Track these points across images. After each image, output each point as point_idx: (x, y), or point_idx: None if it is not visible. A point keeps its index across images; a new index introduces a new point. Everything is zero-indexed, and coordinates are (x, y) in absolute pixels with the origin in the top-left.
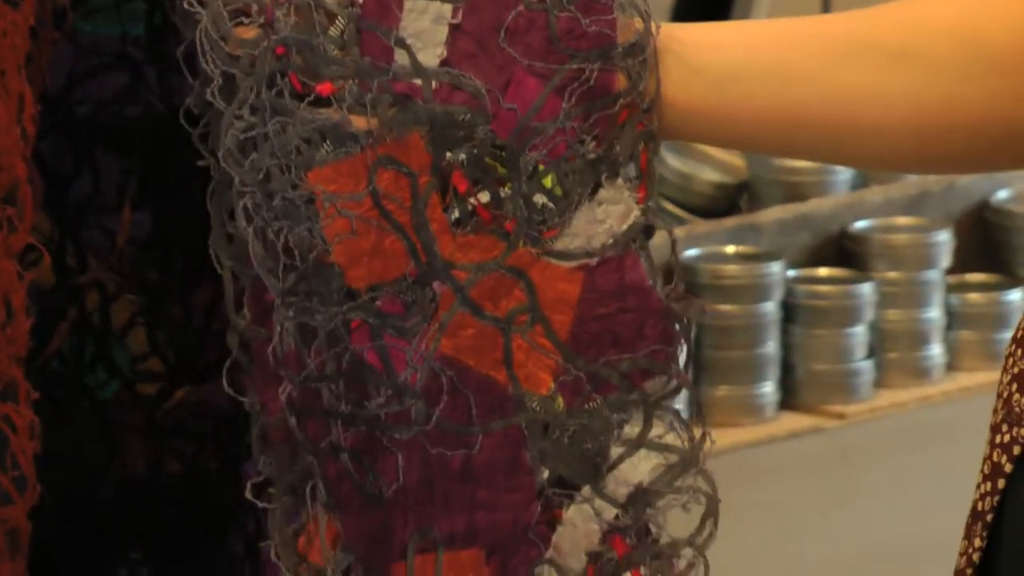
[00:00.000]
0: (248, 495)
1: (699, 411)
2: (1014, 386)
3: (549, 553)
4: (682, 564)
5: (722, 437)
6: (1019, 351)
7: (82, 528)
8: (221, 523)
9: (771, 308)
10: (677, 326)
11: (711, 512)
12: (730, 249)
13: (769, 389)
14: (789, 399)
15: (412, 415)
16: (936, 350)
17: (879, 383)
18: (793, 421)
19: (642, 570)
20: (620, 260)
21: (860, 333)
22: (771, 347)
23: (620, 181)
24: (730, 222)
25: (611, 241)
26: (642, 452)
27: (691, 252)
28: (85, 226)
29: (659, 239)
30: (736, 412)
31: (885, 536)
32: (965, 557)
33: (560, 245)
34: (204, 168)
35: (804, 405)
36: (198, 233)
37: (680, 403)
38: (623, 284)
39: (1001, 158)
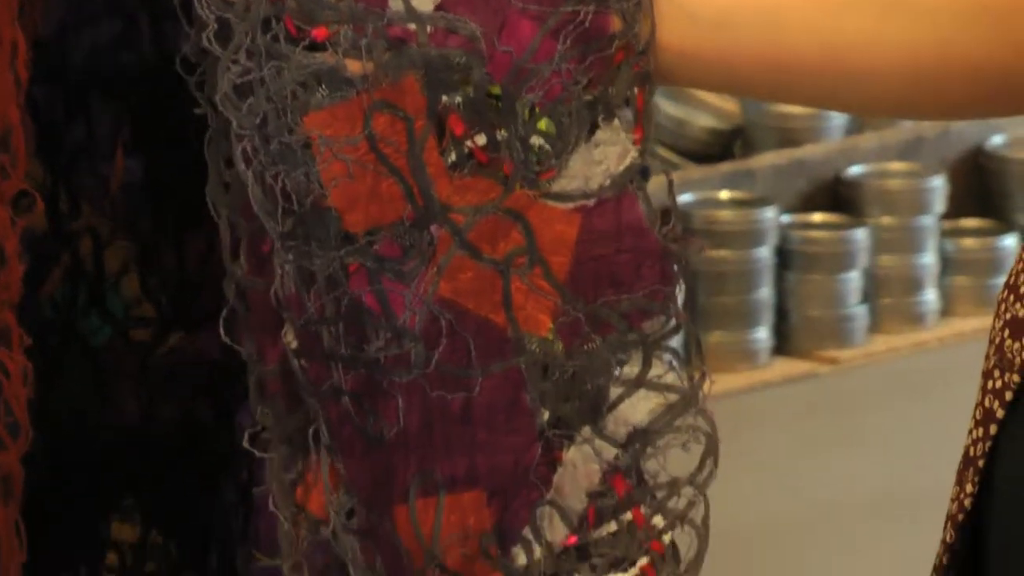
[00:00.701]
0: (243, 443)
1: (698, 350)
2: (1006, 332)
3: (550, 494)
4: (682, 503)
5: (717, 383)
6: (1011, 297)
7: (75, 474)
8: (214, 470)
9: (765, 254)
10: (675, 266)
11: (711, 451)
12: (724, 195)
13: (763, 335)
14: (783, 345)
15: (411, 358)
16: (930, 295)
17: (873, 328)
18: (787, 367)
19: (643, 509)
20: (617, 201)
21: (854, 279)
22: (765, 293)
23: (616, 123)
24: (724, 168)
25: (608, 182)
26: (641, 392)
27: (685, 198)
28: (78, 172)
29: (655, 183)
30: (730, 358)
31: (879, 481)
32: (957, 503)
33: (557, 187)
34: (197, 115)
35: (798, 351)
36: (191, 180)
37: (678, 343)
38: (621, 225)
39: (997, 104)
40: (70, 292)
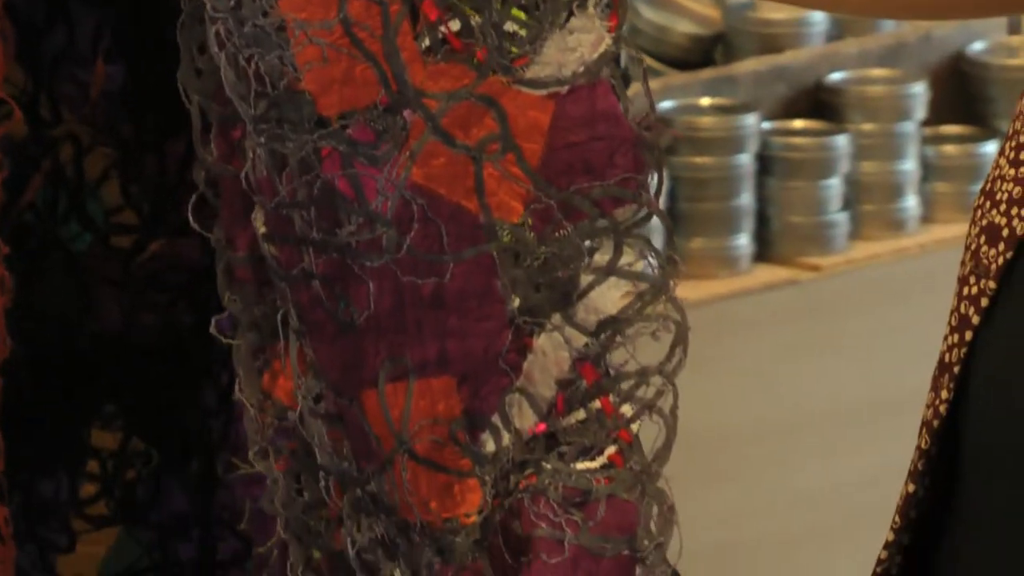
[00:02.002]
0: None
1: (670, 239)
2: (982, 238)
3: (520, 381)
4: (651, 392)
5: (697, 289)
6: (987, 203)
7: (55, 381)
8: (195, 377)
9: (746, 160)
10: (647, 154)
11: (680, 340)
12: (705, 101)
13: (744, 241)
14: (764, 251)
15: (383, 243)
16: (911, 202)
17: (854, 235)
18: (768, 273)
19: (611, 398)
20: (591, 88)
21: (835, 185)
22: (746, 199)
23: (591, 9)
24: (705, 74)
25: (582, 69)
26: (612, 280)
27: (666, 104)
28: (59, 78)
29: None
30: (711, 264)
31: (860, 387)
32: (932, 409)
33: (531, 73)
34: (177, 21)
35: (779, 257)
36: (172, 86)
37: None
38: (594, 112)
39: (985, 5)
40: (51, 199)
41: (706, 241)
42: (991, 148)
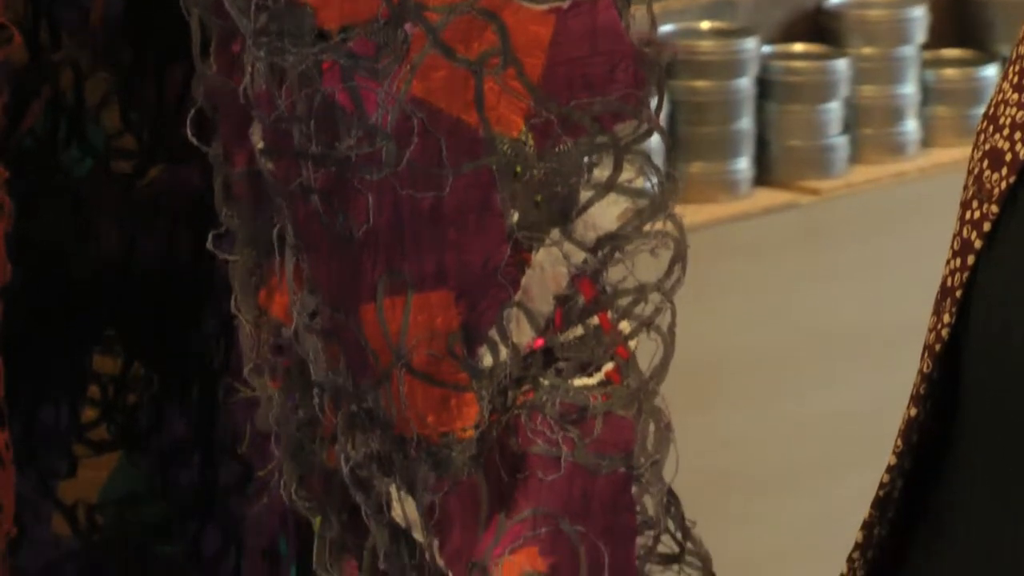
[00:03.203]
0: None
1: (670, 156)
2: (985, 162)
3: (518, 296)
4: (649, 309)
5: (697, 213)
6: (990, 127)
7: (56, 307)
8: (196, 302)
9: (746, 84)
10: (649, 71)
11: (679, 257)
12: (705, 25)
13: (744, 165)
14: (764, 175)
15: (383, 156)
16: (911, 126)
17: (854, 159)
18: (768, 197)
19: (609, 314)
20: (593, 2)
21: (835, 109)
22: (746, 123)
23: None
24: None
25: None
26: (611, 196)
27: (666, 28)
28: (59, 4)
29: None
30: (711, 188)
31: (859, 310)
32: (934, 333)
33: None
34: None
35: (779, 181)
36: (172, 11)
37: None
38: (595, 27)
39: None
40: (51, 124)
41: (706, 165)
42: (991, 72)
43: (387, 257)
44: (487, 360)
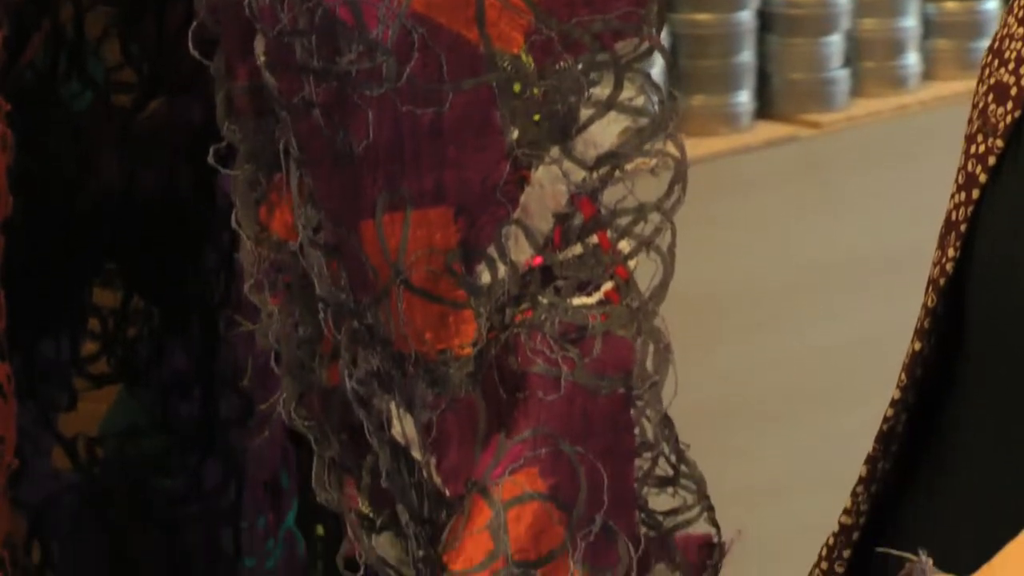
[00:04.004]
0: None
1: (672, 74)
2: (990, 97)
3: (516, 213)
4: (649, 229)
5: (698, 146)
6: (995, 61)
7: (56, 240)
8: (196, 235)
9: (747, 17)
10: None
11: (679, 177)
12: None
13: (745, 98)
14: (765, 108)
15: (383, 72)
16: (912, 59)
17: (855, 92)
18: (769, 130)
19: (608, 233)
20: None
21: (836, 42)
22: (747, 56)
23: None
24: None
25: None
26: (612, 115)
27: None
28: None
29: None
30: (712, 121)
31: (860, 244)
32: (939, 267)
33: None
34: None
35: (780, 114)
36: None
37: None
38: None
39: None
40: (51, 57)
41: (707, 98)
42: (992, 5)
43: (387, 173)
44: (485, 277)
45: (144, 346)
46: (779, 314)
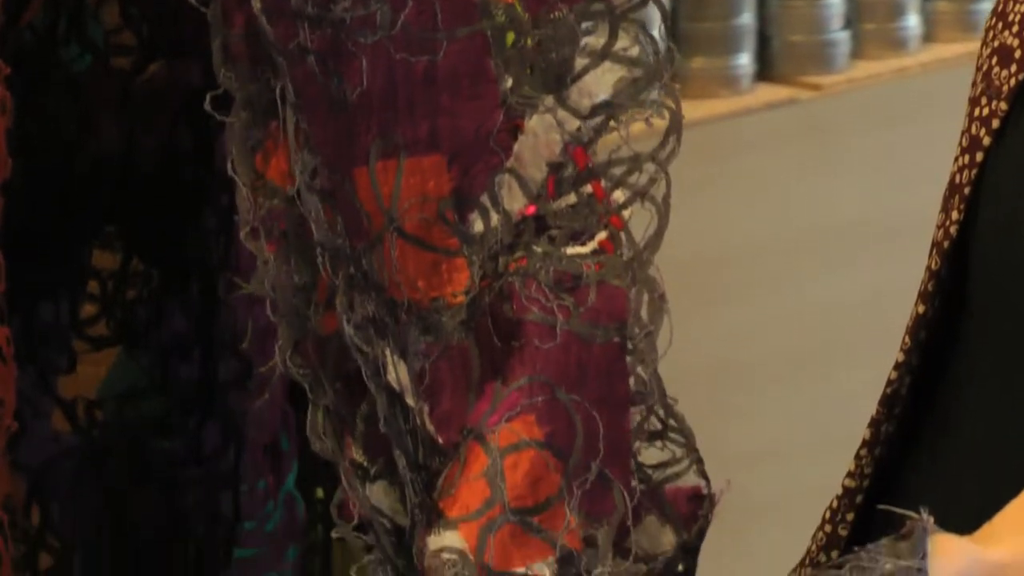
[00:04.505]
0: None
1: (667, 25)
2: (994, 59)
3: (510, 162)
4: (644, 179)
5: (698, 108)
6: (999, 24)
7: (55, 203)
8: (195, 198)
9: None
10: None
11: (674, 127)
12: None
13: (745, 60)
14: (765, 70)
15: (377, 19)
16: (913, 20)
17: (855, 54)
18: (769, 92)
19: (603, 183)
20: None
21: (836, 4)
22: (747, 18)
23: None
24: None
25: None
26: (607, 64)
27: None
28: None
29: None
30: (712, 83)
31: (859, 206)
32: (942, 230)
33: None
34: None
35: (780, 76)
36: None
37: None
38: None
39: None
40: (50, 20)
41: (707, 60)
42: None
43: (380, 121)
44: (478, 226)
45: (143, 308)
46: (779, 276)
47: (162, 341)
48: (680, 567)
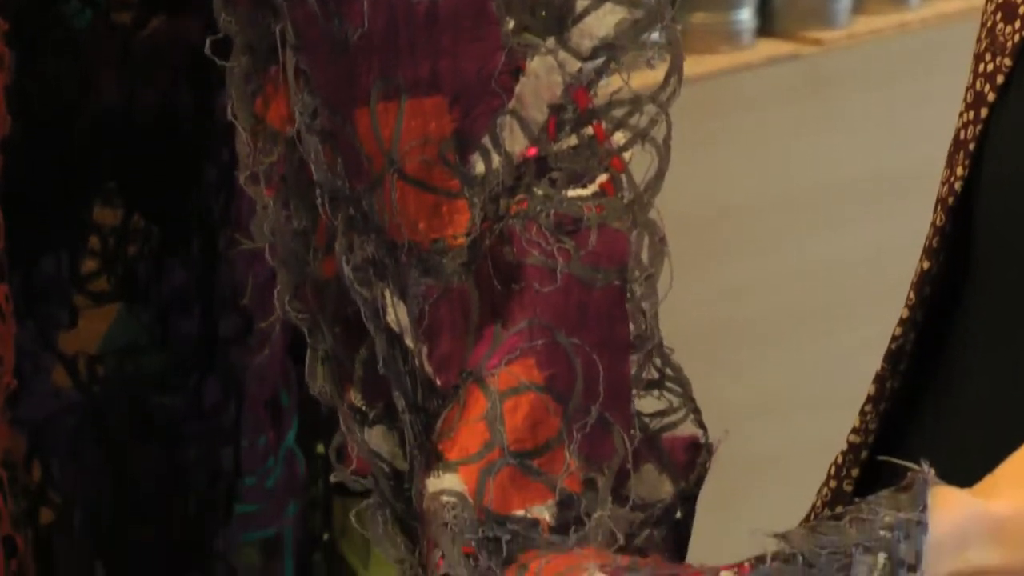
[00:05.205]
0: (224, 124)
1: None
2: (998, 15)
3: (511, 104)
4: (644, 120)
5: (699, 64)
6: None
7: (56, 159)
8: (196, 154)
9: None
10: None
11: (675, 69)
12: None
13: (746, 16)
14: (766, 26)
15: None
16: None
17: (857, 9)
18: (770, 47)
19: (604, 125)
20: None
21: None
22: None
23: None
24: None
25: None
26: (608, 6)
27: None
28: None
29: None
30: (713, 39)
31: (865, 162)
32: (947, 186)
33: None
34: None
35: (782, 31)
36: None
37: None
38: None
39: None
40: None
41: (708, 15)
42: None
43: (381, 61)
44: (479, 168)
45: (144, 264)
46: (780, 232)
47: (163, 297)
48: (678, 514)
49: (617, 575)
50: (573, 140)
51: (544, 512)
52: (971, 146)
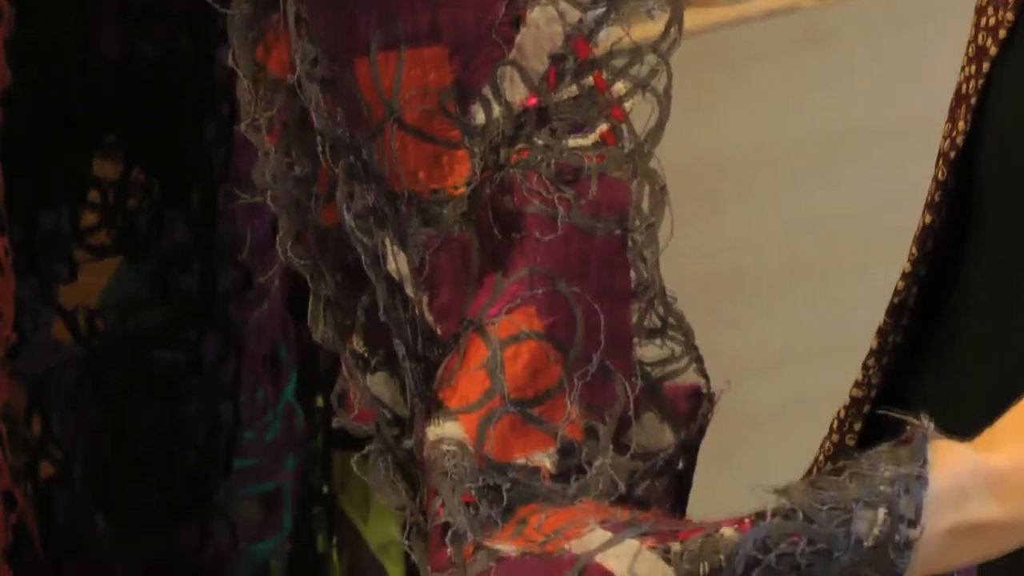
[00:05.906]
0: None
1: None
2: None
3: (512, 54)
4: (645, 70)
5: (698, 17)
6: None
7: (56, 113)
8: (196, 108)
9: None
10: None
11: (675, 19)
12: None
13: None
14: None
15: None
16: None
17: None
18: (769, 0)
19: (604, 75)
20: None
21: None
22: None
23: None
24: None
25: None
26: None
27: None
28: None
29: None
30: None
31: (862, 114)
32: (949, 140)
33: None
34: None
35: None
36: None
37: None
38: None
39: None
40: None
41: None
42: None
43: (381, 11)
44: (480, 118)
45: (144, 218)
46: (780, 185)
47: (162, 251)
48: (680, 464)
49: (617, 530)
50: (573, 90)
51: (545, 460)
52: (973, 100)
